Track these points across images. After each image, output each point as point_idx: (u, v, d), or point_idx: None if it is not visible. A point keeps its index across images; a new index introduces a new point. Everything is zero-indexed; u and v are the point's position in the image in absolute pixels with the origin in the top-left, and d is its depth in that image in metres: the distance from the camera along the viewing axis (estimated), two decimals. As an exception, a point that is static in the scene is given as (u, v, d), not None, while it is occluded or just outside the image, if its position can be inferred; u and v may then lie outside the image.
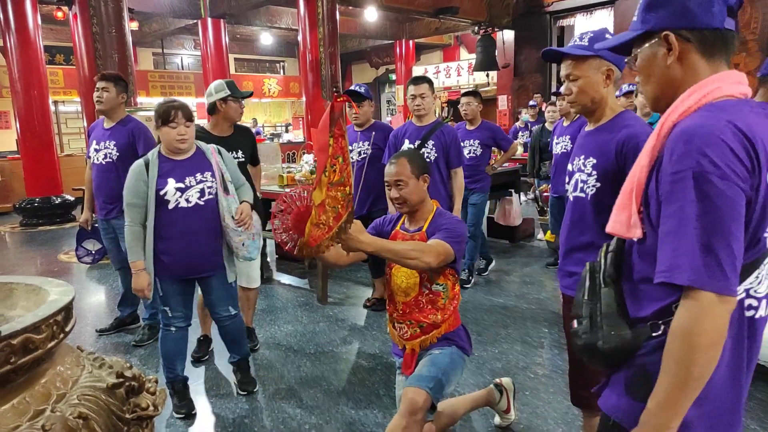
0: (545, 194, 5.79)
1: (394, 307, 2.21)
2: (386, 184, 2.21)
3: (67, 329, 1.15)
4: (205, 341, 3.60)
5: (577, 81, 1.85)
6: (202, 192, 2.71)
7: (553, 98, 6.49)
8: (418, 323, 2.15)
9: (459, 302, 2.22)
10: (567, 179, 1.97)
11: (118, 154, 3.64)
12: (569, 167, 1.97)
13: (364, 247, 1.85)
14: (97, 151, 3.69)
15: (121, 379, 1.17)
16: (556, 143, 4.72)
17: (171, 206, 2.66)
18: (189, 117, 2.68)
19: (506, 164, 5.92)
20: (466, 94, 5.04)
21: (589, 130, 1.94)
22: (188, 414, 2.86)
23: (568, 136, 4.53)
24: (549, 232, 5.42)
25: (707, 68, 1.14)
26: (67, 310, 1.15)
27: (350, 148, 3.97)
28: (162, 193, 2.65)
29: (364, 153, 4.16)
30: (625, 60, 1.36)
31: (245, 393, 3.04)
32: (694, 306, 1.02)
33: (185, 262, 2.73)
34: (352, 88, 4.26)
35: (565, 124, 4.76)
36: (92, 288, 5.38)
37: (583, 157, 1.87)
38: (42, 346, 1.04)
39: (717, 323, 1.01)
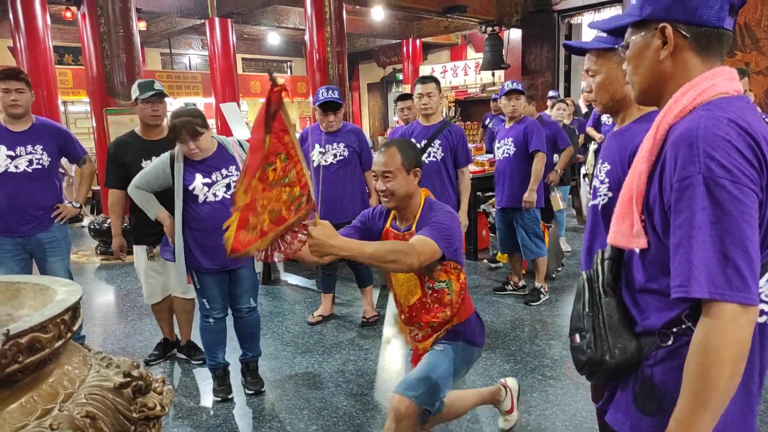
0: (494, 208, 4.97)
1: (401, 309, 2.15)
2: (373, 174, 2.08)
3: (75, 328, 1.14)
4: (163, 344, 3.57)
5: (596, 77, 1.70)
6: (228, 186, 2.79)
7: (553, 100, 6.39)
8: (428, 324, 2.09)
9: (466, 289, 2.10)
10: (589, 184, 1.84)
11: (50, 159, 3.25)
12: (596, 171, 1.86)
13: (337, 252, 1.61)
14: (13, 158, 3.15)
15: (128, 379, 1.17)
16: (498, 147, 4.33)
17: (200, 200, 2.75)
18: (193, 133, 2.63)
19: None
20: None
21: (614, 131, 1.77)
22: (225, 398, 2.99)
23: (511, 139, 4.21)
24: (499, 251, 4.79)
25: (700, 66, 1.10)
26: (74, 310, 1.15)
27: (322, 150, 3.82)
28: (191, 188, 2.74)
29: (340, 155, 3.88)
30: (616, 46, 1.28)
31: (253, 392, 3.04)
32: (716, 319, 0.95)
33: (221, 256, 2.77)
34: (321, 91, 3.80)
35: (507, 125, 4.31)
36: (100, 288, 5.41)
37: (601, 161, 1.71)
38: (49, 345, 1.04)
39: (741, 335, 0.95)
